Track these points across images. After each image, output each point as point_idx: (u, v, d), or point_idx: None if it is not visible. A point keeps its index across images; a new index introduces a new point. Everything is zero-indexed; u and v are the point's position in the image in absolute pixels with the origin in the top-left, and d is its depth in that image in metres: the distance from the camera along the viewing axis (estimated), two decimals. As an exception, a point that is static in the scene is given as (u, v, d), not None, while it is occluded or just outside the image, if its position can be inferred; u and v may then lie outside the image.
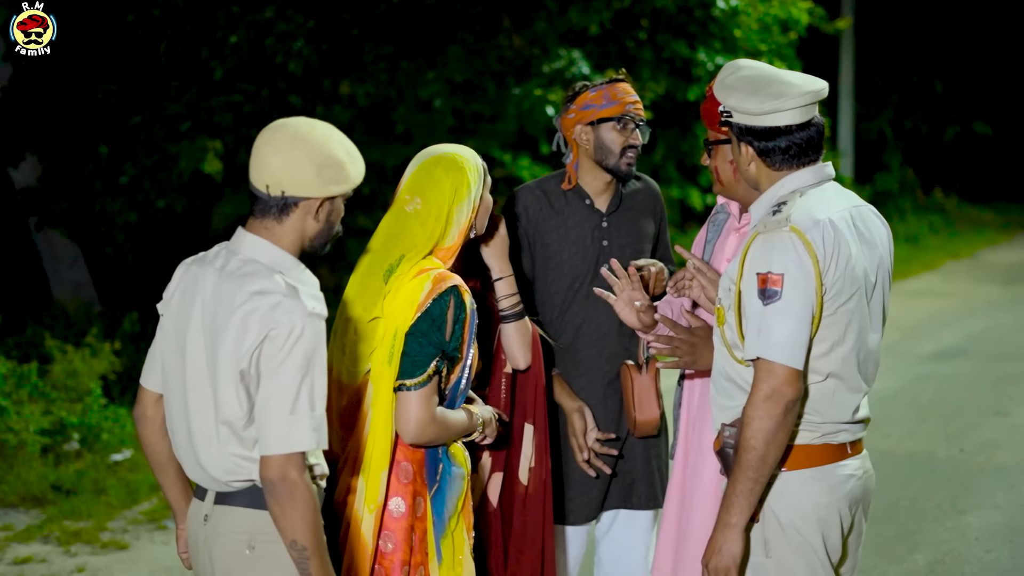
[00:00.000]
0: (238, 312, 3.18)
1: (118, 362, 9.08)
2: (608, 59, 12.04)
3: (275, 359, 3.15)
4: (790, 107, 3.41)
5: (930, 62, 23.85)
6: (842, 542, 3.49)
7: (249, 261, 3.26)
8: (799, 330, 3.29)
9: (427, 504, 3.70)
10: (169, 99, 10.98)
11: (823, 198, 3.45)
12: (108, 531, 7.12)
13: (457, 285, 3.63)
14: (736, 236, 4.18)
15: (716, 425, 3.54)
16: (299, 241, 3.30)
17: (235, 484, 3.29)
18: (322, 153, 3.24)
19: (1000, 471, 8.13)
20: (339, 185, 3.27)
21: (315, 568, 3.15)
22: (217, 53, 10.91)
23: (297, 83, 11.20)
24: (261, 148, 3.27)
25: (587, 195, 4.56)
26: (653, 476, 4.63)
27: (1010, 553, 6.68)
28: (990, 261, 18.65)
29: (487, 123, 11.27)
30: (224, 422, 3.23)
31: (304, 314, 3.14)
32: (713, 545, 3.39)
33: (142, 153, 10.92)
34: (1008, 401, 10.02)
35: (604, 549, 4.74)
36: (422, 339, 3.58)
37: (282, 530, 3.15)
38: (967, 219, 22.46)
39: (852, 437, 3.52)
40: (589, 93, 4.47)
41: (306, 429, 3.14)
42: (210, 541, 3.34)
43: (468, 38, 11.40)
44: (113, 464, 8.07)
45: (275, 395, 3.15)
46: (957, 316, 13.88)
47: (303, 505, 3.12)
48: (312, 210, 3.27)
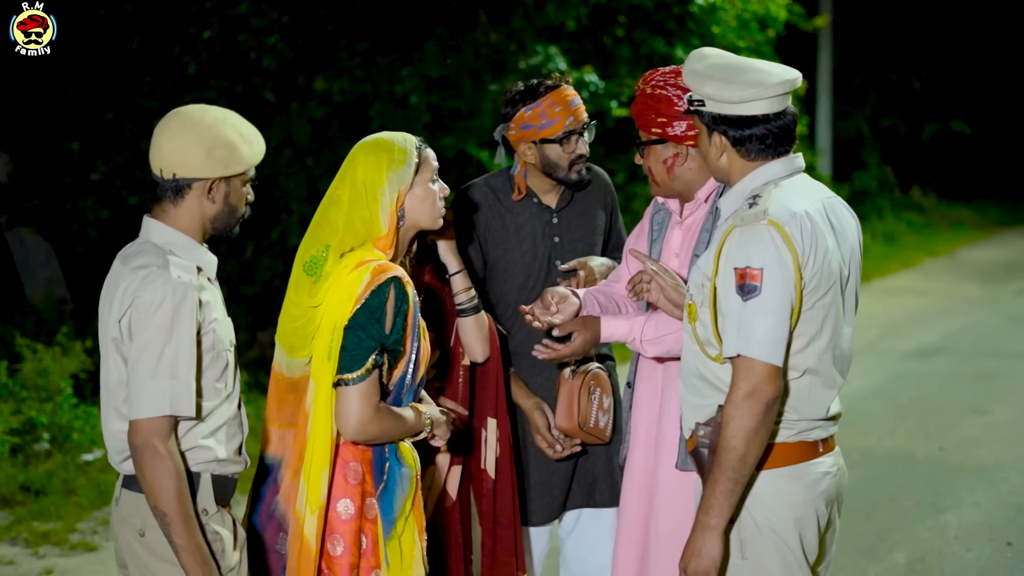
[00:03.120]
0: (119, 288, 3.32)
1: (89, 361, 8.96)
2: (585, 55, 11.98)
3: (138, 325, 3.27)
4: (768, 95, 3.34)
5: (908, 60, 23.87)
6: (819, 541, 3.42)
7: (143, 243, 3.41)
8: (779, 326, 3.22)
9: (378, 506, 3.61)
10: (142, 95, 10.89)
11: (797, 190, 3.38)
12: (78, 532, 7.04)
13: (398, 276, 3.52)
14: (680, 230, 4.14)
15: (688, 424, 3.46)
16: (199, 223, 3.42)
17: (127, 467, 3.37)
18: (211, 135, 3.37)
19: (979, 469, 8.10)
20: (230, 166, 3.39)
21: (176, 534, 3.25)
22: (190, 48, 10.83)
23: (271, 79, 11.12)
24: (156, 135, 3.41)
25: (536, 194, 4.54)
26: (614, 473, 4.58)
27: (990, 552, 6.64)
28: (968, 259, 18.66)
29: (463, 119, 11.19)
30: (111, 397, 3.37)
31: (169, 282, 3.26)
32: (692, 548, 3.29)
33: (114, 150, 10.82)
34: (987, 399, 10.00)
35: (569, 549, 4.70)
36: (360, 332, 3.47)
37: (147, 495, 3.26)
38: (945, 217, 22.47)
39: (825, 434, 3.45)
40: (525, 112, 4.39)
41: (167, 394, 3.24)
42: (116, 525, 3.45)
43: (444, 34, 11.32)
44: (83, 464, 7.98)
45: (137, 360, 3.26)
46: (935, 314, 13.87)
47: (163, 471, 3.22)
48: (205, 191, 3.38)
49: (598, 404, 4.33)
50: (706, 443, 3.31)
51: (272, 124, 10.75)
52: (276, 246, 11.23)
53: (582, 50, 12.08)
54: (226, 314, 3.51)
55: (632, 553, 4.14)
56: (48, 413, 8.32)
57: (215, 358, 3.40)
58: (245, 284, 11.09)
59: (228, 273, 10.68)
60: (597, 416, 4.32)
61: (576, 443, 4.42)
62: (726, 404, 3.24)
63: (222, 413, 3.44)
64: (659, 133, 4.02)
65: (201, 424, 3.39)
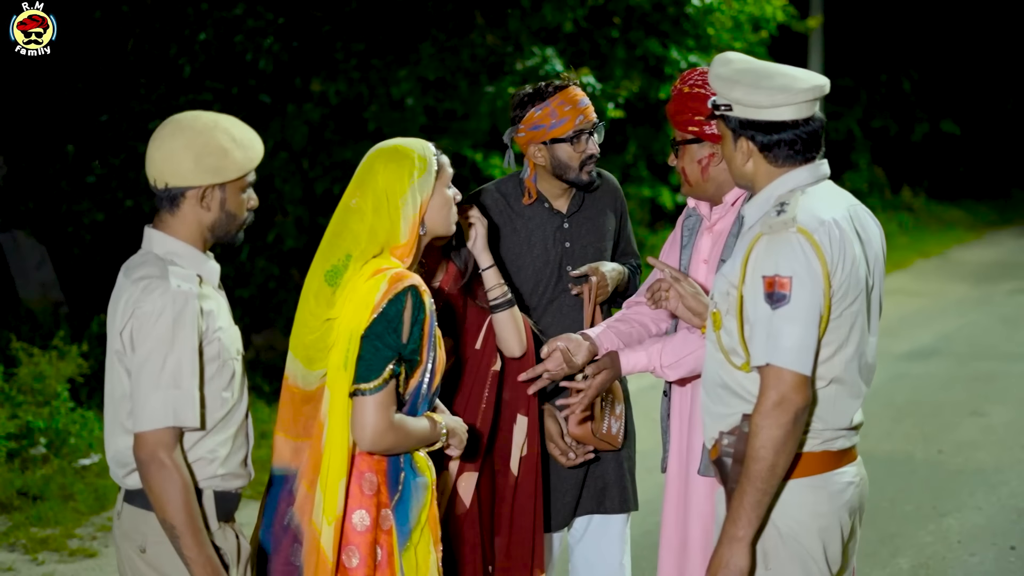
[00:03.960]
0: (121, 300, 3.28)
1: (86, 364, 8.91)
2: (581, 57, 11.97)
3: (139, 336, 3.23)
4: (797, 101, 3.31)
5: (898, 61, 23.89)
6: (842, 551, 3.40)
7: (145, 254, 3.37)
8: (808, 334, 3.19)
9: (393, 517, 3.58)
10: (137, 97, 10.86)
11: (823, 197, 3.35)
12: (76, 538, 6.99)
13: (415, 285, 3.47)
14: (709, 236, 4.13)
15: (710, 433, 3.43)
16: (197, 232, 3.38)
17: (129, 481, 3.34)
18: (200, 142, 3.30)
19: (979, 472, 8.09)
20: (221, 173, 3.33)
21: (186, 547, 3.21)
22: (186, 50, 10.80)
23: (267, 81, 11.10)
24: (149, 145, 3.36)
25: (546, 199, 4.52)
26: (624, 480, 4.58)
27: (994, 556, 6.63)
28: (959, 259, 18.70)
29: (459, 121, 11.17)
30: (116, 412, 3.32)
31: (168, 292, 3.22)
32: (719, 559, 3.24)
33: (109, 152, 10.79)
34: (984, 401, 10.00)
35: (578, 555, 4.69)
36: (377, 342, 3.43)
37: (155, 508, 3.23)
38: (936, 218, 22.52)
39: (849, 443, 3.43)
40: (535, 112, 4.38)
41: (170, 405, 3.20)
42: (119, 540, 3.41)
43: (440, 35, 11.30)
44: (81, 469, 7.93)
45: (140, 372, 3.22)
46: (929, 315, 13.88)
47: (170, 484, 3.19)
48: (198, 199, 3.33)
49: (610, 411, 4.32)
50: (730, 452, 3.28)
51: (268, 126, 10.72)
52: (271, 248, 11.20)
53: (578, 52, 12.07)
54: (232, 322, 3.47)
55: (671, 561, 4.14)
56: (45, 418, 8.26)
57: (221, 367, 3.36)
58: (240, 287, 11.06)
59: (223, 276, 10.56)
60: (609, 422, 4.31)
61: (589, 450, 4.41)
62: (754, 414, 3.21)
63: (229, 424, 3.41)
64: (696, 132, 4.01)
65: (207, 435, 3.35)
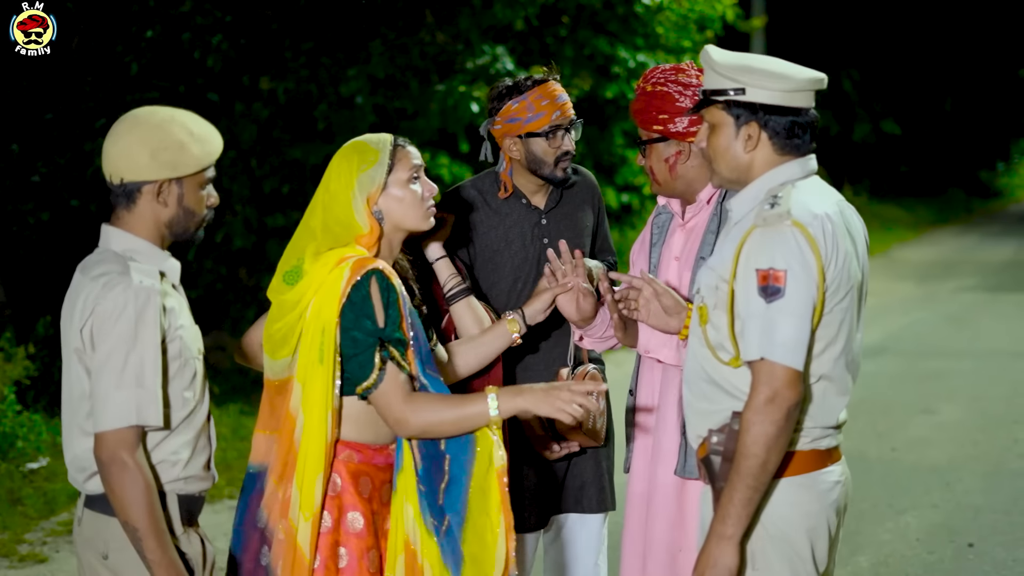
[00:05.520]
0: (79, 298, 3.22)
1: (32, 367, 8.79)
2: (531, 56, 11.95)
3: (101, 334, 3.17)
4: (808, 88, 3.31)
5: (839, 61, 24.11)
6: (828, 550, 3.37)
7: (103, 251, 3.32)
8: (802, 329, 3.16)
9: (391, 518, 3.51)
10: (83, 95, 10.74)
11: (814, 191, 3.32)
12: (26, 543, 6.88)
13: (379, 268, 3.43)
14: (682, 233, 4.10)
15: (697, 431, 3.39)
16: (154, 228, 3.32)
17: (90, 486, 3.28)
18: (157, 136, 3.27)
19: (933, 470, 8.15)
20: (179, 167, 3.28)
21: (149, 549, 3.16)
22: (132, 48, 10.72)
23: (215, 79, 11.01)
24: (105, 140, 3.33)
25: (523, 194, 4.49)
26: (603, 479, 4.55)
27: (952, 554, 6.67)
28: (902, 258, 18.88)
29: (409, 120, 11.12)
30: (74, 414, 3.25)
31: (130, 288, 3.16)
32: (707, 558, 3.19)
33: (55, 151, 10.67)
34: (934, 399, 10.09)
35: (554, 555, 4.64)
36: (355, 333, 3.38)
37: (116, 511, 3.17)
38: (877, 216, 22.72)
39: (835, 442, 3.40)
40: (512, 105, 4.34)
41: (133, 404, 3.14)
42: (79, 547, 3.35)
43: (390, 34, 11.25)
44: (29, 473, 7.84)
45: (101, 370, 3.16)
46: (875, 314, 13.95)
47: (132, 485, 3.13)
48: (155, 194, 3.28)
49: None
50: (720, 450, 3.23)
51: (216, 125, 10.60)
52: (219, 248, 11.09)
53: (527, 50, 12.05)
54: (193, 321, 3.41)
55: (634, 562, 4.10)
56: (-9, 421, 8.16)
57: (183, 366, 3.30)
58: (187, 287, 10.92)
59: (170, 276, 10.53)
60: (594, 416, 4.27)
61: (573, 444, 4.37)
62: (745, 410, 3.17)
63: (191, 425, 3.34)
64: (660, 130, 3.99)
65: (169, 437, 3.29)
